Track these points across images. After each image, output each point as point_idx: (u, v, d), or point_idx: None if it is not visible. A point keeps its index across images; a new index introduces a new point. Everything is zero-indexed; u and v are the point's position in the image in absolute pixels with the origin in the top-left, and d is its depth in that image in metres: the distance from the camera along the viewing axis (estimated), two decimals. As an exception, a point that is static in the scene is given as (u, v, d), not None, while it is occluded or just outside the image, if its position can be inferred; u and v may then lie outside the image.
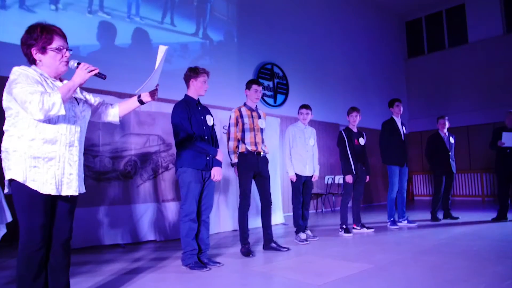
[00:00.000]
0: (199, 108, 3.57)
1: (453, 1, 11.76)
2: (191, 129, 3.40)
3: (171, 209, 5.11)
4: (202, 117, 3.52)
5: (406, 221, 5.83)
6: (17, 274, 2.00)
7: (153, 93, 2.36)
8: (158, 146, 5.14)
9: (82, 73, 1.96)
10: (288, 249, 4.18)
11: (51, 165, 1.97)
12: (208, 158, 3.45)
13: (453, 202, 8.70)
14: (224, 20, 7.80)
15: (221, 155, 3.51)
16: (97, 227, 4.54)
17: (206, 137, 3.47)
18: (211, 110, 3.80)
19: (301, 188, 4.86)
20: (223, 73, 7.38)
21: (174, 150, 5.18)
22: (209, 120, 3.58)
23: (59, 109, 1.87)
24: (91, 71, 1.98)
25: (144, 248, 4.54)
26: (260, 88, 4.23)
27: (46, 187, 1.95)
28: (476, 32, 11.32)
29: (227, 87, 7.32)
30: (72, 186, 2.05)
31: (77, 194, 2.08)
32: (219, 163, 3.52)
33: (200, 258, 3.46)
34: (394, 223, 5.68)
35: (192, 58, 7.07)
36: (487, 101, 10.82)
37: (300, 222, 4.77)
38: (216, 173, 3.47)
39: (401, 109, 5.88)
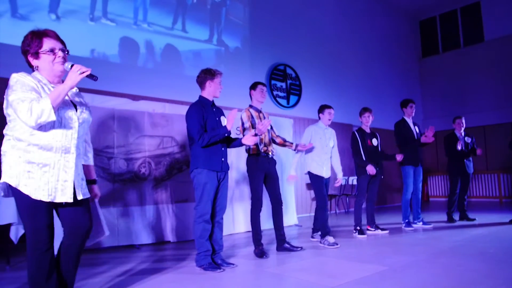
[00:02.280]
0: (214, 109, 3.60)
1: (468, -1, 11.61)
2: (206, 130, 3.42)
3: (185, 210, 5.15)
4: (217, 118, 3.54)
5: (421, 223, 5.77)
6: (29, 276, 2.02)
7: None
8: (172, 147, 5.18)
9: (73, 76, 1.94)
10: (301, 248, 4.18)
11: (45, 171, 1.97)
12: (223, 159, 3.47)
13: (469, 203, 8.57)
14: (240, 24, 7.71)
15: (230, 125, 3.40)
16: (112, 228, 4.59)
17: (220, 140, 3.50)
18: (224, 112, 3.82)
19: (324, 189, 4.69)
20: (236, 74, 7.41)
21: (187, 151, 5.22)
22: (223, 121, 3.60)
23: (49, 115, 1.86)
24: (83, 72, 1.96)
25: (158, 249, 4.58)
26: (265, 88, 4.23)
27: (38, 193, 1.95)
28: (492, 30, 11.13)
29: (240, 88, 7.32)
30: (66, 193, 2.03)
31: (71, 201, 2.05)
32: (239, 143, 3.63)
33: (214, 259, 3.47)
34: (409, 224, 5.62)
35: (204, 62, 7.06)
36: (504, 100, 10.63)
37: (327, 224, 4.55)
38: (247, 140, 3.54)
39: (414, 110, 5.83)
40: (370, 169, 5.10)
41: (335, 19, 9.90)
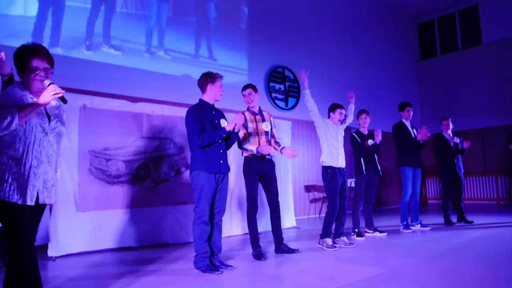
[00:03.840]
0: (213, 112, 3.60)
1: (466, 2, 11.64)
2: (204, 133, 3.43)
3: (183, 212, 5.14)
4: (216, 121, 3.55)
5: (419, 225, 5.78)
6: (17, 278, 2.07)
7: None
8: (170, 149, 5.18)
9: (46, 96, 2.06)
10: (298, 250, 4.20)
11: (16, 177, 2.08)
12: (221, 162, 3.48)
13: (465, 206, 8.57)
14: (239, 26, 7.67)
15: (230, 126, 3.46)
16: (110, 230, 4.59)
17: (220, 141, 3.50)
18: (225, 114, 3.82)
19: (339, 189, 4.50)
20: (235, 77, 7.41)
21: (186, 153, 5.22)
22: (223, 124, 3.60)
23: (10, 127, 1.99)
24: (56, 94, 2.07)
25: (157, 251, 4.57)
26: (248, 91, 4.20)
27: (11, 197, 2.05)
28: (490, 33, 11.18)
29: (238, 91, 7.33)
30: (33, 197, 2.14)
31: (33, 204, 2.15)
32: (235, 135, 3.62)
33: (212, 261, 3.47)
34: (407, 226, 5.62)
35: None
36: (502, 103, 10.66)
37: (330, 228, 4.44)
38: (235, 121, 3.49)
39: (411, 114, 5.85)
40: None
41: (334, 22, 9.92)
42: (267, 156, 4.10)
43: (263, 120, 4.22)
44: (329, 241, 4.41)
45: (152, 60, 5.69)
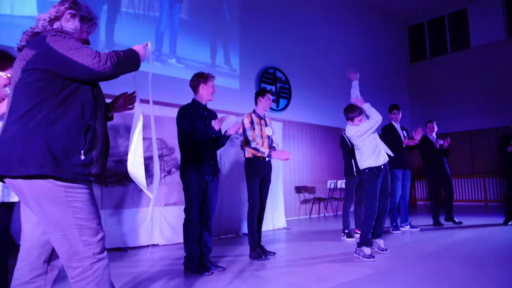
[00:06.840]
0: (205, 113, 3.59)
1: (455, 5, 11.78)
2: (196, 133, 3.42)
3: (174, 213, 5.12)
4: (207, 122, 3.54)
5: (408, 226, 5.83)
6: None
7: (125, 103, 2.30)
8: (161, 150, 5.15)
9: None
10: (274, 253, 4.21)
11: None
12: (211, 163, 3.47)
13: (454, 207, 8.66)
14: (231, 28, 7.67)
15: (218, 125, 3.46)
16: (100, 230, 4.55)
17: (210, 142, 3.50)
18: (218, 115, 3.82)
19: (378, 193, 3.99)
20: (226, 77, 7.40)
21: (176, 154, 5.20)
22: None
23: None
24: None
25: (146, 252, 4.54)
26: (271, 97, 4.31)
27: None
28: (479, 36, 11.33)
29: (230, 92, 7.34)
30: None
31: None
32: (225, 138, 3.62)
33: (202, 262, 3.46)
34: (396, 228, 5.67)
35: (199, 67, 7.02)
36: (490, 106, 10.81)
37: (369, 235, 3.94)
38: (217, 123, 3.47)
39: (398, 116, 5.91)
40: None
41: (325, 24, 9.97)
42: (267, 159, 4.12)
43: (266, 124, 4.25)
44: (367, 250, 3.88)
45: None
